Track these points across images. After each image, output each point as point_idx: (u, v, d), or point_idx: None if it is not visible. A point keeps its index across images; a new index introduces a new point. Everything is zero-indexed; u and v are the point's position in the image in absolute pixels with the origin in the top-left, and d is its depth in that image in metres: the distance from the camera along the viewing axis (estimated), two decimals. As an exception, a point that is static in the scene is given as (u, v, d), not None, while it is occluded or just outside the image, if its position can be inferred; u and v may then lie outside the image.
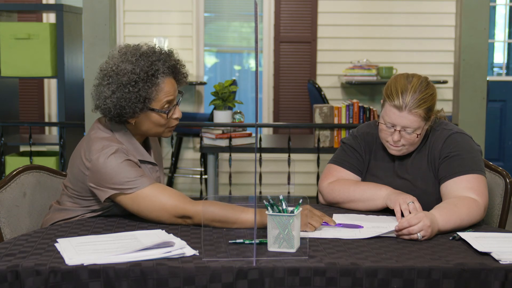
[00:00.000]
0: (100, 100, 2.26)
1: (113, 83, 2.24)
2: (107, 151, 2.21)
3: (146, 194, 2.19)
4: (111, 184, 2.20)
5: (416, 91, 2.37)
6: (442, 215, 2.18)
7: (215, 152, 4.67)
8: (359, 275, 1.82)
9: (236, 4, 7.07)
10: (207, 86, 6.65)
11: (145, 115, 2.29)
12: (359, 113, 4.61)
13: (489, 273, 1.84)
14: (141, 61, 2.25)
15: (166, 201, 2.18)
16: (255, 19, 1.77)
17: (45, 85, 6.54)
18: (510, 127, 7.01)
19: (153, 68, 2.25)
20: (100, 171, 2.20)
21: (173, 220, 2.20)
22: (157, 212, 2.19)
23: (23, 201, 2.50)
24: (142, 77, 2.23)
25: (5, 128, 4.60)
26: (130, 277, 1.78)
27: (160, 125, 2.32)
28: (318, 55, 6.56)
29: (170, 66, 2.31)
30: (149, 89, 2.24)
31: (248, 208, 2.18)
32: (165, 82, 2.29)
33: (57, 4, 5.20)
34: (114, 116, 2.26)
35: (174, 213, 2.18)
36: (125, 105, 2.23)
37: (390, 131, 2.41)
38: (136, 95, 2.23)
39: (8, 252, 1.89)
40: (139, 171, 2.22)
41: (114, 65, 2.26)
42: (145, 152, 2.36)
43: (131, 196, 2.20)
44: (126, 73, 2.23)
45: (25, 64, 4.44)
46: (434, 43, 6.51)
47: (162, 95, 2.28)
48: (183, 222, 2.20)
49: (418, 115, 2.36)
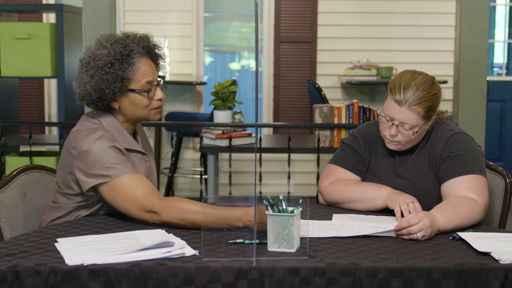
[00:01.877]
0: (81, 88, 2.32)
1: (91, 68, 2.30)
2: (92, 137, 2.25)
3: (122, 182, 2.20)
4: (94, 170, 2.21)
5: (419, 88, 2.37)
6: (442, 215, 2.18)
7: (215, 152, 4.67)
8: (359, 275, 1.82)
9: (236, 4, 7.08)
10: (207, 86, 6.65)
11: (127, 98, 2.32)
12: (359, 113, 4.61)
13: (489, 273, 1.84)
14: (115, 44, 2.32)
15: (138, 192, 2.18)
16: (255, 19, 1.77)
17: (45, 85, 6.54)
18: (510, 127, 7.01)
19: (127, 48, 2.31)
20: (84, 157, 2.23)
21: (141, 215, 2.18)
22: (128, 202, 2.19)
23: (23, 201, 2.50)
24: (117, 58, 2.29)
25: (5, 128, 4.60)
26: (130, 277, 1.78)
27: (143, 107, 2.34)
28: (318, 55, 6.56)
29: (144, 46, 2.36)
30: (126, 69, 2.30)
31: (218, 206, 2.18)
32: (141, 62, 2.33)
33: (57, 4, 5.20)
34: (96, 101, 2.30)
35: (142, 206, 2.17)
36: (104, 87, 2.28)
37: (388, 125, 2.41)
38: (113, 76, 2.28)
39: (8, 252, 1.89)
40: (121, 158, 2.24)
41: (91, 53, 2.33)
42: (133, 141, 2.38)
43: (109, 184, 2.21)
44: (101, 57, 2.30)
45: (25, 64, 4.44)
46: (434, 43, 6.52)
47: (140, 75, 2.32)
48: (149, 219, 2.17)
49: (417, 113, 2.36)
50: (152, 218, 2.18)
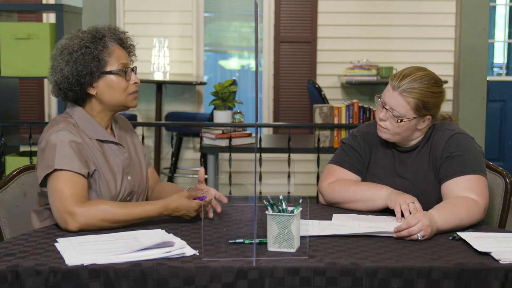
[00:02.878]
0: (57, 75, 2.33)
1: (65, 55, 2.32)
2: (53, 129, 2.26)
3: (59, 176, 2.19)
4: (44, 161, 2.22)
5: (417, 80, 2.39)
6: (441, 214, 2.18)
7: (215, 152, 4.67)
8: (359, 275, 1.82)
9: (236, 4, 7.08)
10: (207, 86, 6.65)
11: (104, 82, 2.33)
12: (359, 113, 4.61)
13: (489, 273, 1.84)
14: (86, 32, 2.36)
15: (65, 191, 2.16)
16: (255, 19, 1.77)
17: (45, 85, 6.54)
18: (510, 127, 7.01)
19: (99, 34, 2.35)
20: (43, 148, 2.25)
21: (61, 216, 2.14)
22: (54, 197, 2.18)
23: (23, 201, 2.50)
24: (91, 41, 2.32)
25: (5, 128, 4.60)
26: (130, 277, 1.78)
27: (121, 90, 2.34)
28: (318, 55, 6.56)
29: (115, 33, 2.39)
30: (101, 51, 2.32)
31: (142, 202, 2.24)
32: (115, 47, 2.36)
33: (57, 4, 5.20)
34: (74, 85, 2.30)
35: (64, 205, 2.13)
36: (82, 68, 2.29)
37: (380, 109, 2.44)
38: (89, 56, 2.30)
39: (8, 252, 1.89)
40: (74, 154, 2.22)
41: (61, 45, 2.36)
42: (104, 132, 2.36)
43: (51, 176, 2.20)
44: (75, 44, 2.32)
45: (25, 64, 4.44)
46: (434, 43, 6.52)
47: (114, 57, 2.34)
48: (70, 222, 2.11)
49: (406, 102, 2.37)
50: (70, 222, 2.12)
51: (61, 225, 2.15)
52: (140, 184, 2.44)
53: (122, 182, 2.34)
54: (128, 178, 2.37)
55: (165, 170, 6.44)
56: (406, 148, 2.50)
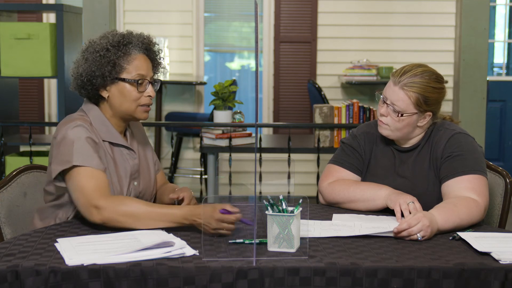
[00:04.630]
0: (74, 70, 2.34)
1: (88, 53, 2.33)
2: (69, 125, 2.25)
3: (80, 172, 2.19)
4: (62, 156, 2.21)
5: (418, 75, 2.40)
6: (441, 214, 2.18)
7: (215, 152, 4.67)
8: (359, 275, 1.82)
9: (236, 4, 7.07)
10: (207, 86, 6.65)
11: (117, 88, 2.31)
12: (359, 113, 4.61)
13: (489, 273, 1.84)
14: (116, 35, 2.34)
15: (89, 185, 2.17)
16: (255, 19, 1.77)
17: (45, 85, 6.54)
18: (510, 127, 7.01)
19: (126, 39, 2.33)
20: (58, 145, 2.24)
21: (86, 209, 2.15)
22: (77, 193, 2.18)
23: (23, 201, 2.51)
24: (114, 45, 2.31)
25: (5, 128, 4.60)
26: (130, 277, 1.78)
27: (132, 100, 2.32)
28: (318, 55, 6.56)
29: (144, 43, 2.37)
30: (120, 57, 2.31)
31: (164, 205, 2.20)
32: (138, 55, 2.34)
33: (57, 4, 5.20)
34: (86, 84, 2.31)
35: (88, 199, 2.15)
36: (95, 69, 2.29)
37: (382, 104, 2.45)
38: (106, 59, 2.29)
39: (8, 252, 1.89)
40: (91, 150, 2.23)
41: (92, 41, 2.36)
42: (118, 136, 2.35)
43: (70, 172, 2.20)
44: (100, 43, 2.32)
45: (25, 64, 4.44)
46: (434, 43, 6.52)
47: (133, 66, 2.32)
48: (96, 214, 2.13)
49: (408, 96, 2.38)
50: (95, 214, 2.14)
51: (86, 216, 2.17)
52: (147, 190, 2.44)
53: (128, 187, 2.34)
54: (134, 183, 2.37)
55: (165, 170, 6.43)
56: (406, 147, 2.50)
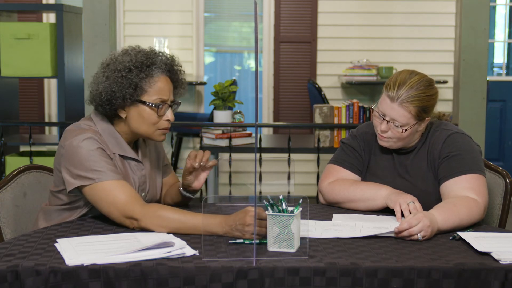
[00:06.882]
0: (93, 87, 2.30)
1: (109, 70, 2.27)
2: (79, 137, 2.22)
3: (104, 187, 2.18)
4: (78, 171, 2.20)
5: (413, 87, 2.38)
6: (441, 214, 2.18)
7: (215, 152, 4.67)
8: (359, 275, 1.82)
9: (236, 4, 7.08)
10: (207, 86, 6.65)
11: (137, 109, 2.28)
12: (359, 113, 4.61)
13: (489, 273, 1.84)
14: (139, 54, 2.29)
15: (119, 198, 2.17)
16: (255, 19, 1.77)
17: (45, 85, 6.54)
18: (510, 127, 7.01)
19: (150, 60, 2.28)
20: (70, 156, 2.21)
21: (121, 220, 2.17)
22: (108, 206, 2.18)
23: (23, 201, 2.51)
24: (137, 66, 2.26)
25: (5, 128, 4.60)
26: (130, 277, 1.78)
27: (151, 123, 2.29)
28: (318, 55, 6.56)
29: (168, 64, 2.32)
30: (143, 79, 2.26)
31: (198, 213, 2.14)
32: (160, 78, 2.29)
33: (57, 4, 5.20)
34: (105, 103, 2.27)
35: (122, 211, 2.16)
36: (116, 90, 2.24)
37: (380, 120, 2.42)
38: (128, 81, 2.24)
39: (8, 252, 1.89)
40: (106, 162, 2.22)
41: (114, 57, 2.31)
42: (128, 148, 2.34)
43: (91, 187, 2.20)
44: (122, 62, 2.27)
45: (25, 64, 4.44)
46: (434, 43, 6.52)
47: (155, 89, 2.28)
48: (130, 225, 2.15)
49: (408, 111, 2.37)
50: (132, 224, 2.16)
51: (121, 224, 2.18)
52: (153, 199, 2.44)
53: None
54: (142, 194, 2.37)
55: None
56: (404, 150, 2.50)
